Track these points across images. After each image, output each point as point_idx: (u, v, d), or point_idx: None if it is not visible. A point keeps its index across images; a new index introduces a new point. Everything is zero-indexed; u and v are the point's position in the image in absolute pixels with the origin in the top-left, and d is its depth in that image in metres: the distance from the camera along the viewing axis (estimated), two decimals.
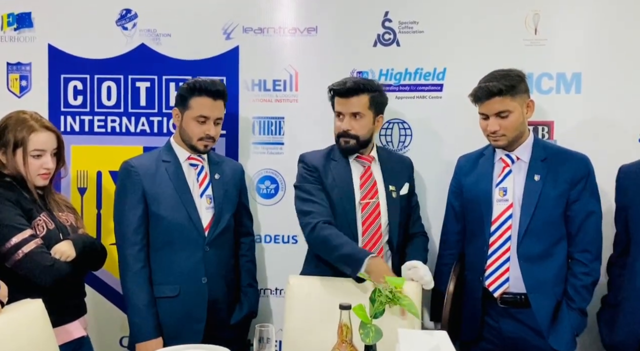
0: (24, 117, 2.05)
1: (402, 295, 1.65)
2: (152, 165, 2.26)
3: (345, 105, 2.24)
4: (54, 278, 1.96)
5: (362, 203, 2.25)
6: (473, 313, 2.22)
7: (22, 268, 1.94)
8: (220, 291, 2.27)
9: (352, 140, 2.25)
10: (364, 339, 1.59)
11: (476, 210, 2.22)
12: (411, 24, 2.59)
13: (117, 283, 2.63)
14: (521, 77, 2.14)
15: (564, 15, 2.51)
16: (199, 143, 2.27)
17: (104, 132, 2.68)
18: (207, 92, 2.25)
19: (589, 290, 2.11)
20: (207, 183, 2.30)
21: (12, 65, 2.68)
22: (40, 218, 2.03)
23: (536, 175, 2.14)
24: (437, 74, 2.59)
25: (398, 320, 1.73)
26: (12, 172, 2.04)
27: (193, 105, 2.25)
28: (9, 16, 2.67)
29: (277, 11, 2.64)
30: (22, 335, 1.79)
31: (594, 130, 2.47)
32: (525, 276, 2.11)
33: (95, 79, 2.67)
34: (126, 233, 2.19)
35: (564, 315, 2.10)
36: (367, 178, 2.29)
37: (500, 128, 2.12)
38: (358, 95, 2.23)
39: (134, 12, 2.65)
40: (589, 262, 2.11)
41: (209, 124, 2.26)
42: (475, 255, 2.22)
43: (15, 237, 1.93)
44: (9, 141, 2.02)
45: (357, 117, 2.24)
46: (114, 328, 2.58)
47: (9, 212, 1.95)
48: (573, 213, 2.13)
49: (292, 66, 2.65)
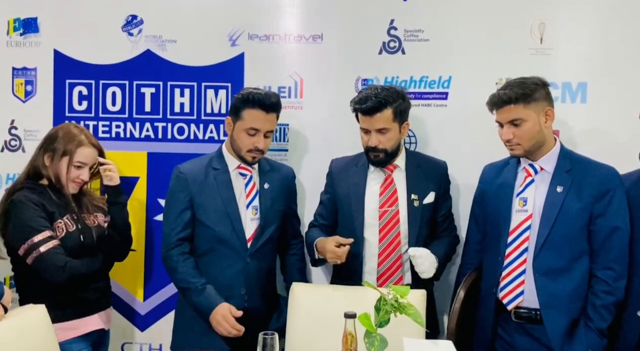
0: (75, 131, 2.26)
1: (407, 304, 1.64)
2: (202, 171, 2.28)
3: (370, 122, 2.23)
4: (65, 278, 2.11)
5: (380, 211, 2.27)
6: (485, 324, 2.18)
7: (38, 266, 2.10)
8: (257, 301, 2.27)
9: (381, 154, 2.25)
10: (369, 348, 1.59)
11: (495, 220, 2.18)
12: (416, 32, 2.59)
13: (120, 290, 2.64)
14: (538, 84, 2.09)
15: (569, 25, 2.51)
16: (247, 155, 2.25)
17: (108, 137, 2.67)
18: (260, 104, 2.21)
19: (609, 310, 2.01)
20: (254, 194, 2.30)
21: (17, 70, 2.69)
22: (61, 221, 2.18)
23: (559, 186, 2.06)
24: (442, 82, 2.59)
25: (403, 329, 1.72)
26: (50, 176, 2.21)
27: (245, 116, 2.23)
28: (15, 21, 2.68)
29: (282, 18, 2.64)
30: (25, 341, 1.81)
31: (600, 140, 2.46)
32: (539, 291, 2.05)
33: (101, 84, 2.68)
34: (171, 236, 2.25)
35: (581, 334, 2.02)
36: (388, 186, 2.30)
37: (514, 137, 2.07)
38: (381, 111, 2.20)
39: (140, 18, 2.66)
40: (612, 280, 2.01)
41: (259, 136, 2.23)
42: (490, 265, 2.18)
43: (35, 236, 2.09)
44: (58, 149, 2.21)
45: (384, 131, 2.23)
46: (117, 334, 2.57)
47: (32, 213, 2.12)
48: (597, 227, 2.04)
49: (297, 73, 2.65)
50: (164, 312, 2.68)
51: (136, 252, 2.60)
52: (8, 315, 1.82)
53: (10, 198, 2.16)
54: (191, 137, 2.67)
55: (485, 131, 2.30)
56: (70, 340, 2.17)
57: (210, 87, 2.66)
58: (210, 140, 2.66)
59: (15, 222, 2.12)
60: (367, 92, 2.24)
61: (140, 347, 2.72)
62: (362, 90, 2.30)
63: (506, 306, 2.12)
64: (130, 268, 2.63)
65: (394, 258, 2.25)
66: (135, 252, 2.59)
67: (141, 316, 2.70)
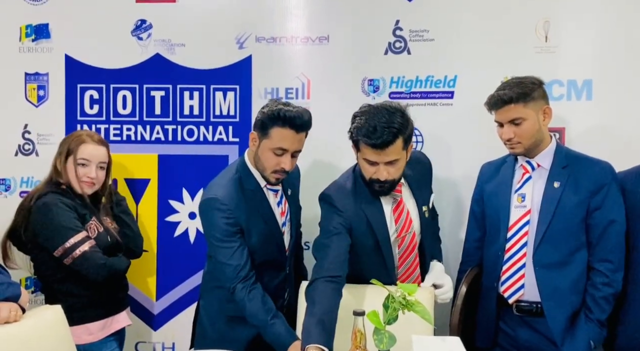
0: (80, 132, 2.36)
1: (415, 301, 1.66)
2: (239, 196, 2.07)
3: (379, 156, 1.95)
4: (106, 275, 2.21)
5: (398, 239, 2.10)
6: (487, 319, 2.22)
7: (78, 265, 2.17)
8: (294, 296, 2.22)
9: (387, 185, 2.02)
10: (378, 345, 1.61)
11: (494, 216, 2.22)
12: (422, 32, 2.61)
13: (133, 290, 2.68)
14: (536, 84, 2.12)
15: (574, 23, 2.52)
16: (271, 176, 2.08)
17: (119, 140, 2.72)
18: (291, 123, 2.00)
19: (608, 301, 2.07)
20: (287, 211, 2.21)
21: (30, 75, 2.74)
22: (92, 222, 2.27)
23: (556, 182, 2.11)
24: (447, 82, 2.61)
25: (411, 326, 1.74)
26: (65, 181, 2.27)
27: (273, 135, 2.01)
28: (27, 27, 2.72)
29: (289, 21, 2.67)
30: (41, 340, 1.84)
31: (605, 137, 2.47)
32: (540, 284, 2.10)
33: (111, 88, 2.72)
34: (238, 271, 2.02)
35: (581, 326, 2.07)
36: (401, 212, 2.10)
37: (514, 136, 2.11)
38: (394, 143, 1.92)
39: (149, 22, 2.70)
40: (610, 272, 2.06)
41: (286, 157, 2.04)
42: (491, 260, 2.23)
43: (73, 238, 2.16)
44: (64, 151, 2.28)
45: (394, 163, 1.97)
46: (131, 333, 2.61)
47: (67, 215, 2.18)
48: (594, 221, 2.08)
49: (304, 74, 2.67)
50: (176, 311, 2.73)
51: (148, 252, 2.65)
52: (25, 316, 1.86)
53: (37, 202, 2.20)
54: (201, 138, 2.71)
55: (492, 130, 2.31)
56: (104, 339, 2.27)
57: (218, 89, 2.69)
58: (220, 141, 2.70)
59: (49, 224, 2.16)
60: (371, 119, 1.93)
61: (153, 346, 2.76)
62: (361, 116, 1.97)
63: (507, 300, 2.16)
64: (143, 269, 2.68)
65: (412, 280, 2.16)
66: (148, 252, 2.64)
67: (154, 315, 2.75)
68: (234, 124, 2.70)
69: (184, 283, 2.72)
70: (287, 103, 2.07)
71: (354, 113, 2.02)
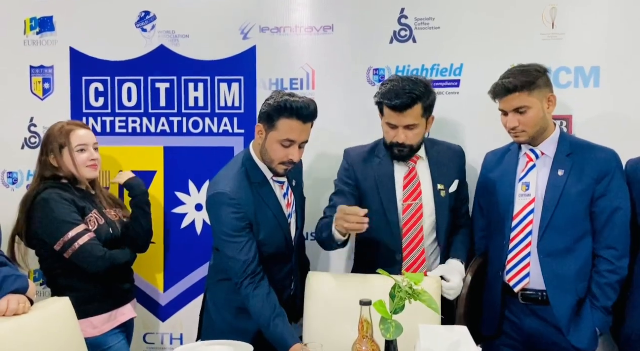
0: (60, 124, 2.33)
1: (422, 291, 1.66)
2: (247, 190, 2.07)
3: (399, 118, 2.10)
4: (106, 267, 2.21)
5: (404, 204, 2.19)
6: (493, 308, 2.22)
7: (78, 258, 2.18)
8: (300, 288, 2.23)
9: (407, 149, 2.16)
10: (385, 335, 1.61)
11: (499, 205, 2.22)
12: (427, 20, 2.59)
13: (141, 282, 2.70)
14: (540, 72, 2.11)
15: (581, 9, 2.49)
16: (279, 167, 2.08)
17: (125, 132, 2.73)
18: (298, 114, 1.99)
19: (614, 288, 2.07)
20: (293, 203, 2.21)
21: (35, 69, 2.74)
22: (92, 215, 2.27)
23: (560, 170, 2.11)
24: (454, 70, 2.59)
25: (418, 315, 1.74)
26: (66, 174, 2.28)
27: (280, 127, 2.01)
28: (31, 20, 2.73)
29: (293, 11, 2.65)
30: (50, 332, 1.86)
31: (613, 124, 2.45)
32: (545, 272, 2.09)
33: (116, 80, 2.72)
34: (246, 267, 2.02)
35: (587, 313, 2.07)
36: (412, 179, 2.22)
37: (519, 125, 2.10)
38: (412, 107, 2.08)
39: (153, 14, 2.69)
40: (615, 259, 2.06)
41: (293, 148, 2.04)
42: (496, 249, 2.22)
43: (72, 231, 2.17)
44: (55, 147, 2.28)
45: (412, 128, 2.12)
46: (139, 325, 2.62)
47: (66, 209, 2.19)
48: (599, 209, 2.08)
49: (309, 65, 2.66)
50: (184, 303, 2.74)
51: (155, 244, 2.66)
52: (34, 308, 1.88)
53: (37, 199, 2.21)
54: (206, 130, 2.71)
55: (499, 118, 2.30)
56: (109, 332, 2.28)
57: (223, 80, 2.69)
58: (225, 133, 2.70)
59: (48, 219, 2.18)
60: (395, 85, 2.10)
61: (161, 337, 2.78)
62: (388, 83, 2.15)
63: (513, 288, 2.16)
64: (150, 260, 2.69)
65: (418, 254, 2.21)
66: (155, 244, 2.64)
67: (162, 307, 2.76)
68: (239, 116, 2.69)
69: (191, 274, 2.73)
70: (292, 94, 2.07)
71: (382, 82, 2.23)
